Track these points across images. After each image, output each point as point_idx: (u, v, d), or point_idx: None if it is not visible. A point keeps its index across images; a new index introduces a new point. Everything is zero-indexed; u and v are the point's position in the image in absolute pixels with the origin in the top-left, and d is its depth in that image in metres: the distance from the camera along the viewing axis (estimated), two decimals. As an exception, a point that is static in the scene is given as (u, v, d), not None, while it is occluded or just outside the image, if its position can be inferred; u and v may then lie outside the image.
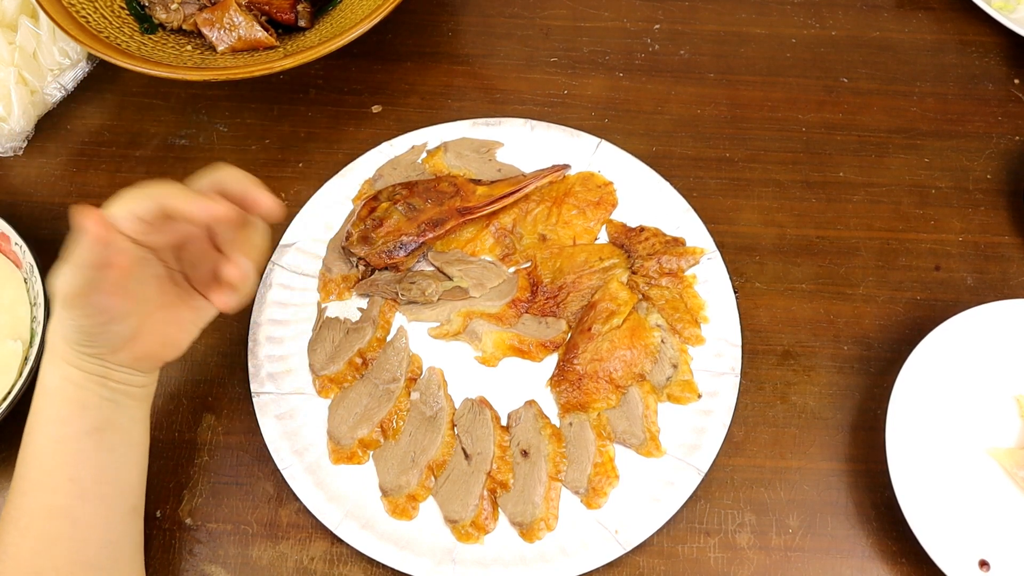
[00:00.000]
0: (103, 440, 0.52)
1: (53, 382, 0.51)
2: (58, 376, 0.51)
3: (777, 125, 0.76)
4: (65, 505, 0.50)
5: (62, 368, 0.50)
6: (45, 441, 0.51)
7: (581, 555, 0.57)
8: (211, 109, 0.77)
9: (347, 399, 0.63)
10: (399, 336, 0.65)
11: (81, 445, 0.51)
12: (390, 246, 0.66)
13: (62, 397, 0.51)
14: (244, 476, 0.62)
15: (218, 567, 0.59)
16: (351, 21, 0.72)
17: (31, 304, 0.64)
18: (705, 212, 0.69)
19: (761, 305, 0.68)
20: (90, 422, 0.51)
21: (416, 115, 0.76)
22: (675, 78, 0.78)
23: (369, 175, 0.72)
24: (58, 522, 0.50)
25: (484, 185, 0.70)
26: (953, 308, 0.62)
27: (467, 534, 0.58)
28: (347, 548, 0.58)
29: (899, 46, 0.81)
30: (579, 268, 0.67)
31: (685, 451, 0.60)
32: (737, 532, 0.60)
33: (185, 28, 0.74)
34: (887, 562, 0.59)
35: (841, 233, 0.71)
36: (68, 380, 0.50)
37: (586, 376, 0.62)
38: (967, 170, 0.74)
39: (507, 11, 0.82)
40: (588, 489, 0.59)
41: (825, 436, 0.63)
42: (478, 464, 0.60)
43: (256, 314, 0.65)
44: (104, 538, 0.52)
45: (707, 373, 0.63)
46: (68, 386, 0.51)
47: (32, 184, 0.73)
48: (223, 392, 0.65)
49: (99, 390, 0.51)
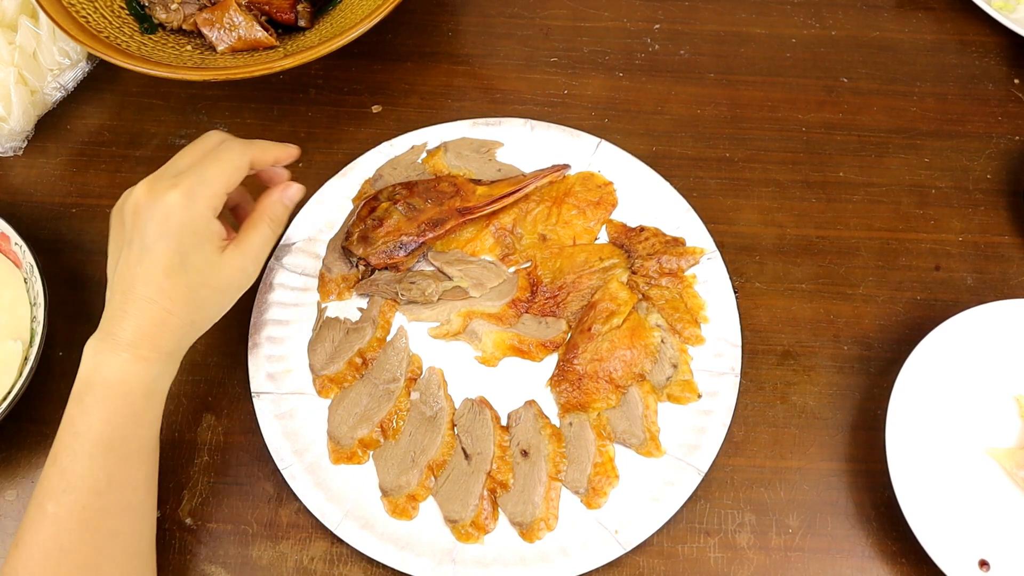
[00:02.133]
0: (155, 434, 0.53)
1: (137, 380, 0.51)
2: (144, 373, 0.51)
3: (777, 125, 0.76)
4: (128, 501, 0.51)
5: (155, 367, 0.51)
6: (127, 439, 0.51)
7: (581, 555, 0.57)
8: (211, 109, 0.77)
9: (347, 399, 0.63)
10: (399, 336, 0.65)
11: (145, 441, 0.52)
12: (390, 246, 0.66)
13: (146, 395, 0.51)
14: (244, 476, 0.62)
15: (218, 567, 0.59)
16: (351, 21, 0.72)
17: (31, 304, 0.64)
18: (705, 212, 0.69)
19: (761, 305, 0.68)
20: (154, 415, 0.53)
21: (416, 115, 0.76)
22: (675, 78, 0.79)
23: (369, 175, 0.72)
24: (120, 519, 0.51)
25: (484, 185, 0.70)
26: (953, 308, 0.62)
27: (467, 534, 0.58)
28: (347, 548, 0.58)
29: (899, 46, 0.81)
30: (579, 268, 0.67)
31: (685, 451, 0.60)
32: (737, 532, 0.60)
33: (185, 28, 0.74)
34: (887, 562, 0.59)
35: (841, 233, 0.71)
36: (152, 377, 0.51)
37: (586, 376, 0.62)
38: (967, 170, 0.74)
39: (507, 11, 0.82)
40: (588, 489, 0.59)
41: (825, 436, 0.63)
42: (478, 464, 0.60)
43: (256, 314, 0.65)
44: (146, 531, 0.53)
45: (707, 373, 0.63)
46: (156, 384, 0.51)
47: (32, 184, 0.73)
48: (223, 392, 0.65)
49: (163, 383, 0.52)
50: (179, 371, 0.62)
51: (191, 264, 0.52)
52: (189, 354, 0.56)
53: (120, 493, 0.51)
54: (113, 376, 0.50)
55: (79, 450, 0.49)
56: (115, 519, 0.50)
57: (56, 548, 0.49)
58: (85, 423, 0.50)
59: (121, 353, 0.50)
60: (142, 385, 0.51)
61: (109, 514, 0.50)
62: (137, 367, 0.51)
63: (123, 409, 0.51)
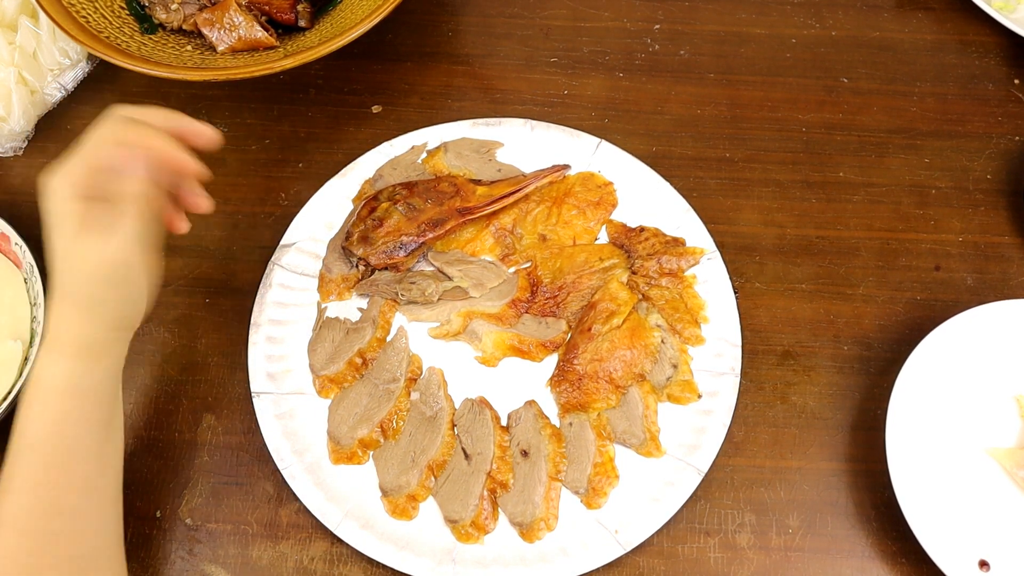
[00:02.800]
0: (109, 432, 0.52)
1: (60, 378, 0.50)
2: (66, 371, 0.50)
3: (777, 125, 0.76)
4: (72, 503, 0.50)
5: (70, 363, 0.50)
6: (51, 439, 0.50)
7: (581, 555, 0.57)
8: (211, 109, 0.77)
9: (347, 399, 0.63)
10: (399, 336, 0.65)
11: (91, 440, 0.51)
12: (390, 246, 0.66)
13: (72, 393, 0.50)
14: (244, 476, 0.62)
15: (218, 567, 0.59)
16: (351, 21, 0.72)
17: (31, 304, 0.64)
18: (705, 212, 0.69)
19: (761, 305, 0.68)
20: (103, 414, 0.51)
21: (416, 115, 0.76)
22: (675, 78, 0.78)
23: (369, 175, 0.72)
24: (60, 520, 0.50)
25: (484, 185, 0.70)
26: (953, 308, 0.62)
27: (467, 534, 0.58)
28: (347, 548, 0.58)
29: (899, 46, 0.81)
30: (579, 268, 0.67)
31: (685, 451, 0.60)
32: (737, 532, 0.60)
33: (185, 28, 0.74)
34: (887, 562, 0.59)
35: (841, 233, 0.71)
36: (78, 375, 0.50)
37: (586, 376, 0.62)
38: (967, 170, 0.74)
39: (507, 11, 0.82)
40: (588, 489, 0.59)
41: (825, 436, 0.63)
42: (478, 464, 0.60)
43: (256, 314, 0.65)
44: (101, 530, 0.52)
45: (707, 373, 0.63)
46: (81, 381, 0.50)
47: (32, 184, 0.72)
48: (223, 392, 0.65)
49: (109, 381, 0.51)
50: (179, 371, 0.61)
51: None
52: (189, 354, 0.56)
53: (58, 493, 0.50)
54: (42, 375, 0.50)
55: (15, 450, 0.50)
56: (53, 520, 0.50)
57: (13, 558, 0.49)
58: (21, 424, 0.50)
59: (49, 353, 0.51)
60: (66, 383, 0.51)
61: (47, 516, 0.50)
62: (57, 366, 0.51)
63: (53, 406, 0.50)
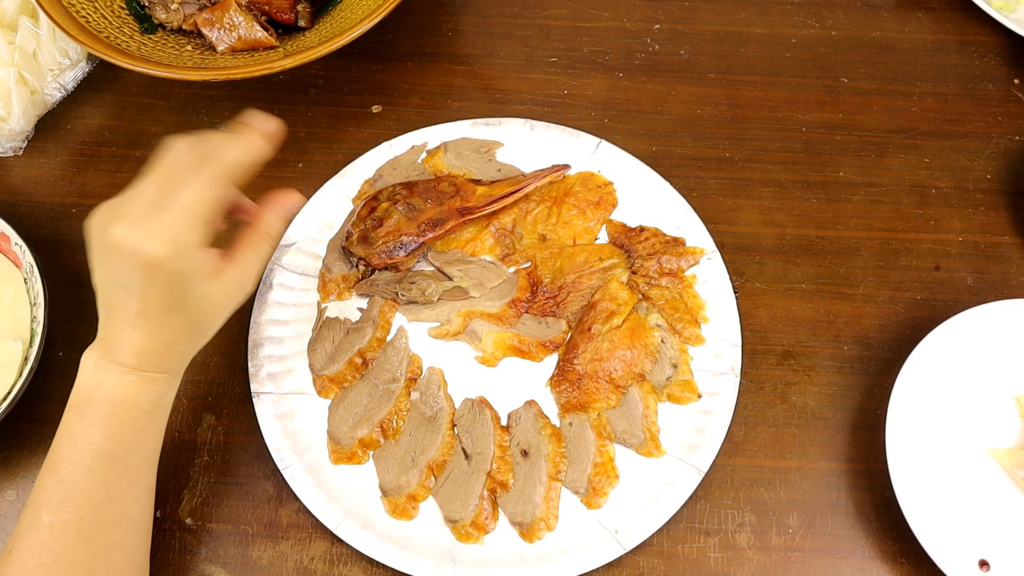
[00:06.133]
0: (157, 448, 0.53)
1: (119, 392, 0.50)
2: (125, 389, 0.50)
3: (777, 125, 0.76)
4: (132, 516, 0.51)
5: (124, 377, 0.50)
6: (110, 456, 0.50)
7: (581, 555, 0.57)
8: (211, 109, 0.77)
9: (347, 399, 0.63)
10: (399, 336, 0.65)
11: (147, 455, 0.52)
12: (390, 246, 0.66)
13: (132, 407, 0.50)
14: (244, 476, 0.62)
15: (218, 567, 0.59)
16: (351, 21, 0.72)
17: (31, 304, 0.64)
18: (705, 212, 0.69)
19: (761, 305, 0.68)
20: (158, 429, 0.53)
21: (416, 115, 0.76)
22: (675, 78, 0.79)
23: (369, 175, 0.72)
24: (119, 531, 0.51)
25: (484, 185, 0.70)
26: (953, 308, 0.62)
27: (467, 534, 0.58)
28: (347, 548, 0.58)
29: (899, 46, 0.81)
30: (579, 268, 0.67)
31: (685, 451, 0.60)
32: (737, 532, 0.60)
33: (185, 28, 0.74)
34: (887, 562, 0.59)
35: (841, 233, 0.71)
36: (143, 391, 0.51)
37: (586, 376, 0.62)
38: (967, 170, 0.74)
39: (507, 11, 0.82)
40: (588, 489, 0.59)
41: (825, 436, 0.63)
42: (478, 464, 0.60)
43: (256, 314, 0.65)
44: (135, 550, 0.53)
45: (707, 373, 0.63)
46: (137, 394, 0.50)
47: (32, 184, 0.73)
48: (223, 392, 0.65)
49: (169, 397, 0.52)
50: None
51: (188, 302, 0.50)
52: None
53: (118, 506, 0.50)
54: (117, 394, 0.50)
55: (79, 462, 0.49)
56: (111, 531, 0.50)
57: (51, 558, 0.48)
58: (86, 436, 0.50)
59: (126, 374, 0.50)
60: (148, 402, 0.51)
61: (106, 526, 0.50)
62: (144, 387, 0.50)
63: (128, 425, 0.50)
